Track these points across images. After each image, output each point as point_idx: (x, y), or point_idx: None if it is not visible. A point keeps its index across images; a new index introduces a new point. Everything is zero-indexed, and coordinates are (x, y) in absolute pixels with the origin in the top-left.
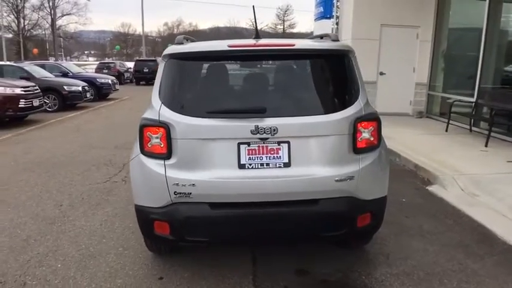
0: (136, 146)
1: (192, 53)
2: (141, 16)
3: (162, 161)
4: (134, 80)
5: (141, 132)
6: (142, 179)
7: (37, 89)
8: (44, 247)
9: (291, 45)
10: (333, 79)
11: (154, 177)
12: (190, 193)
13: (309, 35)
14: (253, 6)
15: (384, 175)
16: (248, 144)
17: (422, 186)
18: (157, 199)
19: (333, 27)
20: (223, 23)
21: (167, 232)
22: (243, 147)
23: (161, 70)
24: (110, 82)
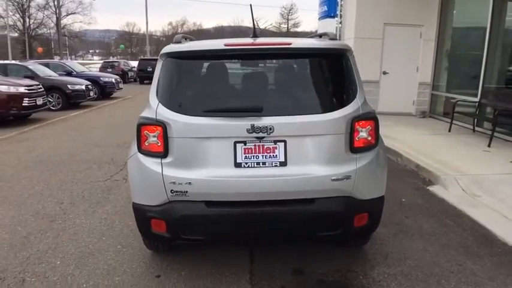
0: (134, 145)
1: (189, 52)
2: (145, 15)
3: (159, 160)
4: (138, 79)
5: (139, 130)
6: (139, 178)
7: (41, 88)
8: (44, 244)
9: (288, 44)
10: (330, 78)
11: (151, 175)
12: (186, 191)
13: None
14: (250, 5)
15: (382, 175)
16: (244, 143)
17: (423, 186)
18: (154, 197)
19: (337, 26)
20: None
21: (164, 230)
22: (239, 146)
23: (159, 69)
24: (114, 81)
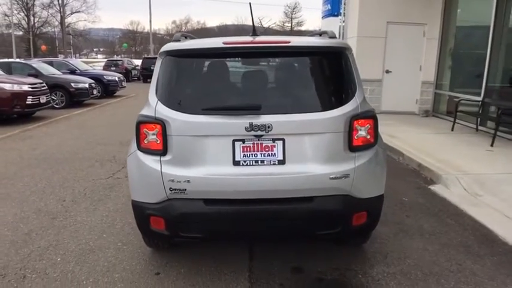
0: (133, 143)
1: (188, 50)
2: (149, 14)
3: (158, 157)
4: (141, 78)
5: (138, 128)
6: (138, 175)
7: (44, 86)
8: (45, 241)
9: (286, 42)
10: (329, 76)
11: (150, 173)
12: (185, 189)
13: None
14: (250, 3)
15: (381, 174)
16: (243, 141)
17: (424, 185)
18: (153, 195)
19: (341, 24)
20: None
21: (163, 228)
22: (238, 144)
23: (158, 67)
24: (117, 79)
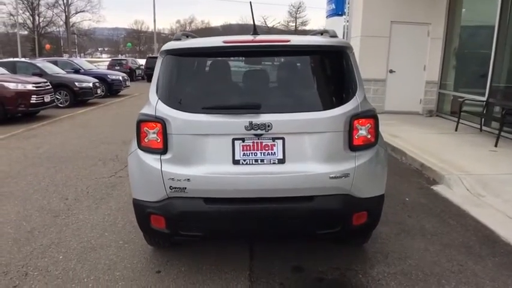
0: (134, 141)
1: (188, 49)
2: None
3: (159, 156)
4: (145, 77)
5: (138, 127)
6: (139, 174)
7: (48, 85)
8: (47, 239)
9: (286, 41)
10: (329, 75)
11: (150, 171)
12: (185, 188)
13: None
14: (250, 2)
15: (381, 173)
16: (243, 140)
17: (427, 185)
18: (153, 193)
19: (345, 24)
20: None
21: (163, 226)
22: (238, 143)
23: (158, 66)
24: (121, 79)
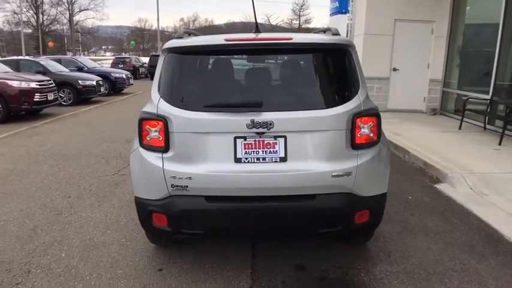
0: (136, 139)
1: (190, 47)
2: (157, 11)
3: (160, 154)
4: (149, 75)
5: (140, 125)
6: (141, 172)
7: (52, 84)
8: (50, 237)
9: (289, 39)
10: (332, 73)
11: (152, 170)
12: (187, 186)
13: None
14: (252, 0)
15: (384, 172)
16: (244, 138)
17: (430, 184)
18: (155, 191)
19: (349, 22)
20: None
21: (165, 224)
22: (239, 141)
23: (160, 64)
24: (124, 77)
